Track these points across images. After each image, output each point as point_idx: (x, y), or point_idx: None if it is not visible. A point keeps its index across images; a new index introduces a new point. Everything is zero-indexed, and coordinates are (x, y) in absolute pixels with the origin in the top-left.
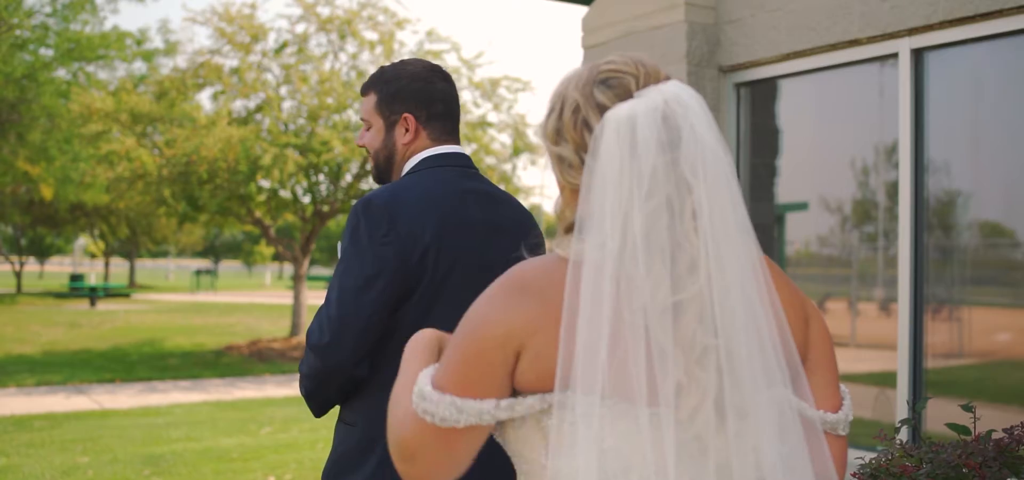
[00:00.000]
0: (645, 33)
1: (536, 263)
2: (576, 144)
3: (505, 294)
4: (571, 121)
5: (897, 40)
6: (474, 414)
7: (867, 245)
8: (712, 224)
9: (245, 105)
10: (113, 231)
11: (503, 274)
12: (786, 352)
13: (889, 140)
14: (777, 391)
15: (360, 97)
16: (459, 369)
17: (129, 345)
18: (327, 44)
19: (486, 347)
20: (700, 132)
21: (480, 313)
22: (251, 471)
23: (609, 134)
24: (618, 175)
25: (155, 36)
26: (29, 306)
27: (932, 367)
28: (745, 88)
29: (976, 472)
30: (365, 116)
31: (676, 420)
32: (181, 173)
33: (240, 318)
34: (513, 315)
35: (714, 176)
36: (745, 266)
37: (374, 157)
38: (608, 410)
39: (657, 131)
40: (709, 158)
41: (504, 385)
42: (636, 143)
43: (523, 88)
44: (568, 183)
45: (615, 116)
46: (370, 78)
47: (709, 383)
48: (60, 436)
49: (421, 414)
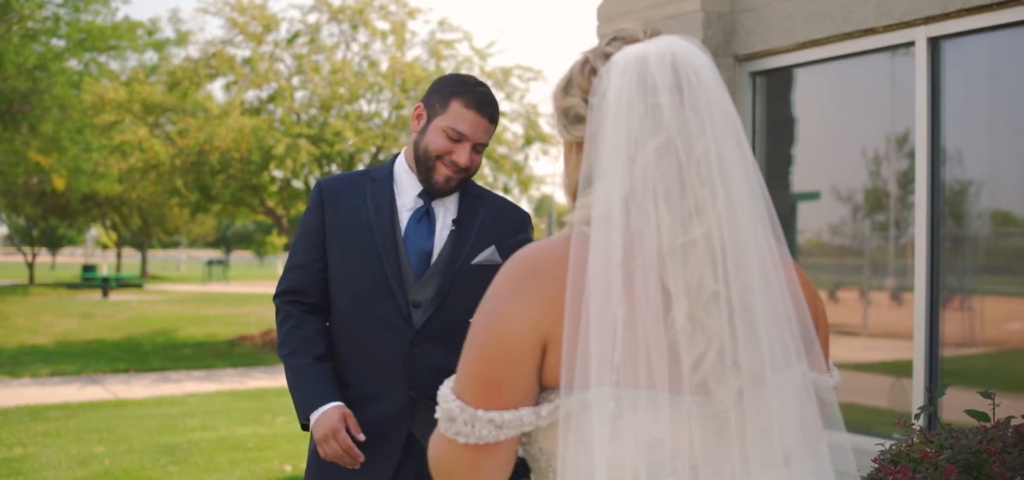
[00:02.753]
0: (660, 22)
1: (544, 243)
2: (582, 92)
3: (518, 281)
4: (580, 71)
5: (914, 28)
6: (515, 425)
7: (879, 234)
8: (722, 173)
9: (257, 95)
10: (125, 222)
11: (508, 261)
12: (800, 320)
13: (901, 129)
14: (795, 368)
15: (490, 124)
16: (483, 376)
17: (142, 335)
18: (339, 34)
19: (508, 351)
20: (708, 82)
21: (495, 309)
22: (267, 460)
23: (618, 70)
24: (627, 110)
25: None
26: (41, 297)
27: (945, 356)
28: (760, 77)
29: (997, 457)
30: (487, 142)
31: (693, 382)
32: (194, 163)
33: (253, 308)
34: (532, 306)
35: (723, 127)
36: (756, 221)
37: (471, 173)
38: (628, 400)
39: (666, 74)
40: (716, 110)
41: (533, 385)
42: (645, 80)
43: (535, 77)
44: (574, 138)
45: (624, 55)
46: (495, 107)
47: (715, 330)
48: (76, 426)
49: (453, 437)
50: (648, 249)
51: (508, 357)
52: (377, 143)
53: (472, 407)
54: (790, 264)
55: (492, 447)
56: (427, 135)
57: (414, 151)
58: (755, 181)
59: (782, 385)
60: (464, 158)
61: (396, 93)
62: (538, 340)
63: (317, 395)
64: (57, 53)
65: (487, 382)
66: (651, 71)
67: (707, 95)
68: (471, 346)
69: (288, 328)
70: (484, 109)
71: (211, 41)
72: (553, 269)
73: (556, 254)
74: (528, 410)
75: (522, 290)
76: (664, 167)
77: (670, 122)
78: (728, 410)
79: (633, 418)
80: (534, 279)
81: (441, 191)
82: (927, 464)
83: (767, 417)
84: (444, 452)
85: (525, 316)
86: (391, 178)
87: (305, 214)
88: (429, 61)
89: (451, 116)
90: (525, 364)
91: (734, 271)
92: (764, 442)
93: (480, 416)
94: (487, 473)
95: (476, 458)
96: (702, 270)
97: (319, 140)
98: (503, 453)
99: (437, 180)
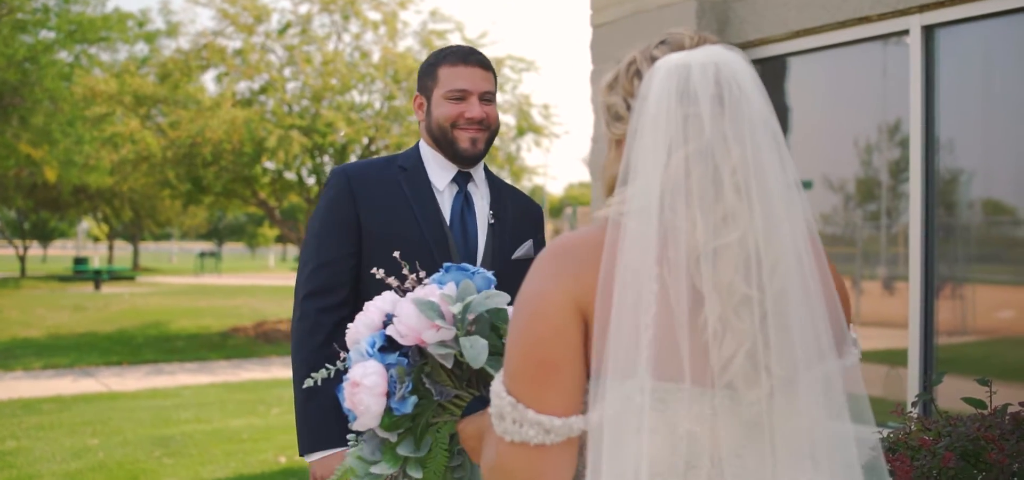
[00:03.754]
0: (654, 11)
1: (576, 232)
2: (626, 92)
3: (553, 264)
4: (625, 72)
5: (908, 17)
6: (564, 431)
7: (871, 223)
8: (760, 182)
9: (249, 86)
10: (117, 214)
11: (542, 250)
12: (834, 322)
13: (893, 118)
14: (827, 364)
15: (484, 71)
16: (531, 358)
17: (135, 328)
18: (330, 25)
19: (551, 326)
20: (750, 94)
21: (533, 290)
22: (262, 452)
23: (660, 77)
24: (665, 116)
25: (156, 17)
26: (33, 290)
27: (938, 344)
28: (755, 66)
29: (995, 444)
30: (493, 90)
31: (721, 382)
32: (185, 155)
33: (245, 300)
34: (565, 277)
35: (763, 138)
36: (797, 230)
37: (494, 131)
38: (660, 392)
39: (708, 83)
40: (757, 120)
41: (580, 373)
42: (686, 89)
43: (528, 68)
44: (614, 135)
45: (667, 63)
46: (483, 55)
47: (746, 333)
48: (69, 419)
49: (501, 434)
50: (680, 249)
51: (551, 333)
52: (369, 134)
53: (523, 406)
54: (823, 257)
55: (558, 447)
56: (433, 112)
57: (430, 136)
58: (794, 188)
59: (813, 382)
60: (476, 110)
61: (388, 84)
62: (577, 309)
63: (327, 438)
64: (47, 45)
65: (535, 365)
66: (693, 80)
67: (749, 107)
68: (514, 332)
69: (316, 343)
70: (471, 59)
71: (202, 32)
72: (585, 252)
73: (587, 240)
74: (578, 418)
75: (557, 271)
76: (698, 172)
77: (707, 131)
78: (759, 411)
79: (665, 410)
80: (567, 260)
81: (472, 156)
82: (925, 452)
83: (797, 418)
84: (503, 453)
85: (561, 290)
86: (421, 165)
87: (330, 205)
88: (421, 51)
89: (445, 82)
90: (569, 339)
91: (768, 277)
92: (792, 442)
93: (530, 417)
94: (552, 474)
95: (540, 457)
96: (734, 274)
97: (311, 131)
98: (565, 454)
99: (464, 148)
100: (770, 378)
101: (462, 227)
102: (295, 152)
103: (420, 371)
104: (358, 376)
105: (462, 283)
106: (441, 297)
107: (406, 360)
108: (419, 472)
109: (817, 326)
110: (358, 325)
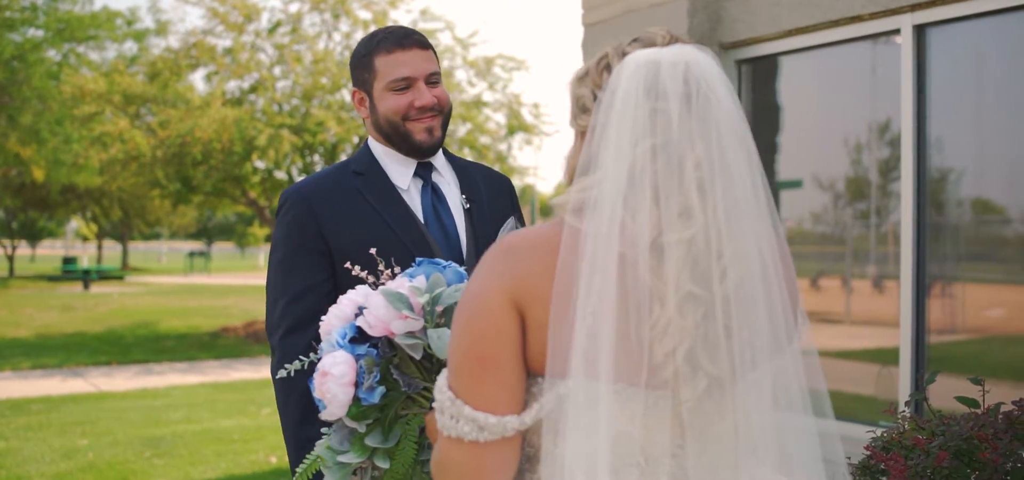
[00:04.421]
0: (646, 9)
1: (524, 230)
2: (595, 85)
3: (494, 262)
4: (596, 66)
5: (899, 16)
6: (498, 429)
7: (860, 222)
8: (724, 182)
9: (239, 85)
10: (106, 213)
11: (488, 249)
12: (793, 309)
13: (882, 118)
14: (783, 361)
15: (424, 51)
16: (470, 354)
17: (124, 328)
18: (321, 23)
19: (488, 322)
20: (719, 94)
21: (473, 289)
22: (252, 452)
23: (629, 71)
24: (632, 110)
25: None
26: (22, 289)
27: (930, 343)
28: (746, 65)
29: (989, 443)
30: (438, 70)
31: (657, 380)
32: (175, 154)
33: (235, 300)
34: (506, 277)
35: (729, 138)
36: (762, 232)
37: (447, 113)
38: (596, 392)
39: (677, 81)
40: (724, 121)
41: (519, 371)
42: (654, 85)
43: (518, 67)
44: (579, 126)
45: (636, 58)
46: (419, 33)
47: (687, 331)
48: (58, 419)
49: (440, 428)
50: (631, 244)
51: (489, 330)
52: (360, 133)
53: (461, 402)
54: (788, 258)
55: (494, 445)
56: (378, 108)
57: (379, 133)
58: (761, 189)
59: (762, 381)
60: (426, 96)
61: None
62: (514, 307)
63: None
64: (36, 43)
65: (474, 361)
66: (662, 76)
67: (718, 108)
68: (456, 329)
69: (303, 389)
70: (407, 41)
71: (191, 31)
72: (528, 252)
73: (533, 237)
74: (512, 417)
75: (498, 269)
76: (660, 166)
77: (671, 127)
78: (693, 408)
79: (599, 410)
80: (508, 258)
81: (431, 146)
82: (919, 451)
83: (740, 417)
84: (442, 447)
85: (501, 288)
86: (378, 166)
87: (290, 231)
88: None
89: (384, 72)
90: (507, 337)
91: (720, 277)
92: (732, 441)
93: (466, 413)
94: (489, 472)
95: (476, 454)
96: (681, 271)
97: (301, 130)
98: (503, 451)
99: (421, 140)
100: (705, 376)
101: (438, 221)
102: (285, 151)
103: (388, 362)
104: (327, 366)
105: (432, 276)
106: (410, 289)
107: (375, 351)
108: (386, 463)
109: (775, 325)
110: (331, 317)
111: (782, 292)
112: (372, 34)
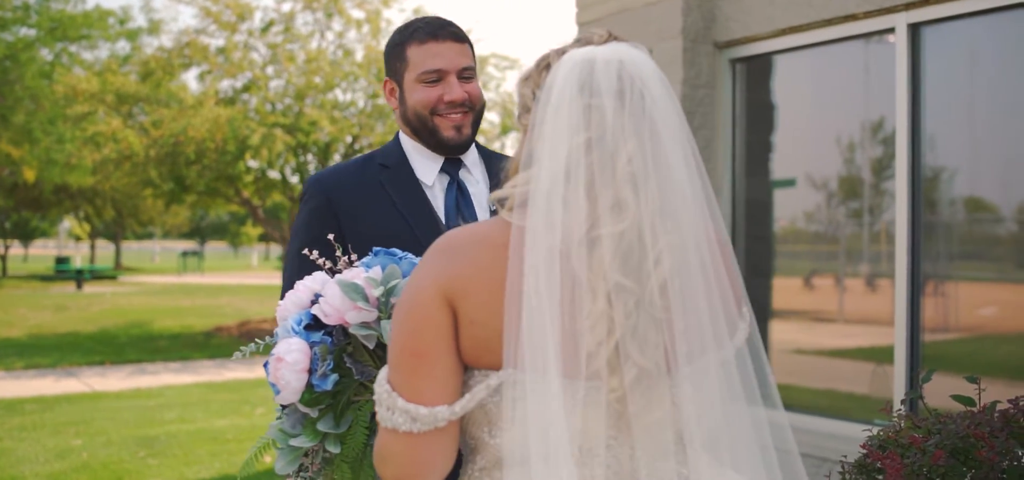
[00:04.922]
0: (640, 9)
1: (465, 227)
2: (535, 84)
3: (431, 258)
4: (536, 66)
5: (894, 14)
6: (429, 420)
7: (854, 221)
8: (658, 177)
9: (232, 85)
10: (99, 213)
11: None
12: (734, 303)
13: (876, 116)
14: (723, 354)
15: (460, 44)
16: (405, 349)
17: (117, 327)
18: (314, 23)
19: (421, 317)
20: (654, 92)
21: (410, 285)
22: (246, 452)
23: (565, 69)
24: (568, 106)
25: (138, 15)
26: (15, 289)
27: (925, 341)
28: (740, 64)
29: (985, 442)
30: (472, 65)
31: (588, 371)
32: (168, 154)
33: (228, 299)
34: (440, 273)
35: (664, 133)
36: (698, 225)
37: (479, 110)
38: (546, 383)
39: (611, 78)
40: (658, 117)
41: (453, 365)
42: (588, 81)
43: (511, 66)
44: (522, 125)
45: (572, 56)
46: (455, 25)
47: (616, 322)
48: (52, 419)
49: (380, 420)
50: (566, 238)
51: (423, 324)
52: (353, 133)
53: (396, 394)
54: (729, 250)
55: (428, 435)
56: (408, 99)
57: (408, 125)
58: (699, 185)
59: (701, 372)
60: (456, 91)
61: (372, 82)
62: (446, 302)
63: None
64: (28, 42)
65: (408, 355)
66: (596, 74)
67: (652, 104)
68: (394, 323)
69: None
70: (443, 32)
71: (184, 30)
72: (465, 249)
73: (470, 236)
74: (444, 408)
75: (432, 265)
76: (590, 163)
77: (604, 122)
78: (621, 398)
79: (530, 401)
80: (444, 256)
81: (459, 144)
82: (915, 449)
83: (662, 408)
84: (381, 438)
85: (435, 284)
86: (405, 160)
87: (309, 221)
88: None
89: (416, 63)
90: (440, 331)
91: (652, 268)
92: (663, 432)
93: (399, 405)
94: (425, 461)
95: (411, 445)
96: (611, 262)
97: (295, 129)
98: (440, 441)
99: (448, 136)
100: (633, 367)
101: (460, 220)
102: (278, 150)
103: (342, 350)
104: (282, 352)
105: (388, 268)
106: (365, 280)
107: (330, 339)
108: (337, 447)
109: (715, 318)
110: (287, 303)
111: (722, 285)
112: (408, 23)
